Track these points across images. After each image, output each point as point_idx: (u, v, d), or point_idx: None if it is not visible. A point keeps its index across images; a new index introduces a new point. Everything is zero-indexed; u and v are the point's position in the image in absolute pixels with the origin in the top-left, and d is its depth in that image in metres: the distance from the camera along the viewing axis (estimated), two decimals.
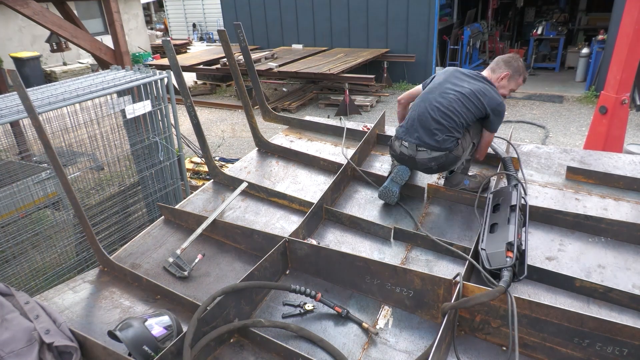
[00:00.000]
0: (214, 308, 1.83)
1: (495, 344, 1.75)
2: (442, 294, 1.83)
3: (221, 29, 3.18)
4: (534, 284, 1.99)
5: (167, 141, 4.48)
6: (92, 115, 3.92)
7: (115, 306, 2.21)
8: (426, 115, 2.53)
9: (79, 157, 4.26)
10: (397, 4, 11.21)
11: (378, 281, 1.98)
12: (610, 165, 2.82)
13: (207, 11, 22.96)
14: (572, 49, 11.88)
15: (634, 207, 2.44)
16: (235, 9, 13.76)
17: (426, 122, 2.51)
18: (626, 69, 4.42)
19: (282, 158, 3.37)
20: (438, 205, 2.65)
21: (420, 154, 2.53)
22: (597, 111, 4.76)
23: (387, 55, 11.51)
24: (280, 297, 2.11)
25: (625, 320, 1.75)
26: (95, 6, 15.05)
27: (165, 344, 1.73)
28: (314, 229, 2.52)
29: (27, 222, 3.69)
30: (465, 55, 11.93)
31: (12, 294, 1.85)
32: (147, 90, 4.20)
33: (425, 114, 2.53)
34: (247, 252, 2.46)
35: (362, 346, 1.82)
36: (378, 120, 3.46)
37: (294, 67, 10.16)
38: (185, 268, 2.34)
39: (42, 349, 1.66)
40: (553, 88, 10.61)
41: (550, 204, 2.48)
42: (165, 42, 2.82)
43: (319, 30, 12.64)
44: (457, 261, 2.18)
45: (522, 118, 8.88)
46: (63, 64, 14.79)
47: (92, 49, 5.55)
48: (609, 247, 2.17)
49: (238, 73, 3.27)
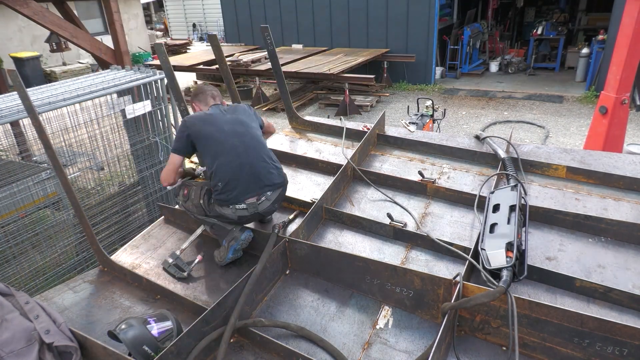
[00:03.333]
0: (214, 308, 1.83)
1: (495, 344, 1.75)
2: (442, 294, 1.83)
3: (212, 33, 3.16)
4: (534, 284, 1.99)
5: (167, 141, 4.48)
6: (92, 115, 3.92)
7: (115, 306, 2.21)
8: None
9: (79, 157, 4.25)
10: (397, 4, 11.21)
11: (378, 281, 1.98)
12: (610, 165, 2.82)
13: (207, 11, 22.95)
14: (572, 49, 11.88)
15: (634, 207, 2.44)
16: (235, 9, 13.76)
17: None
18: (626, 69, 4.41)
19: (282, 158, 3.37)
20: (438, 205, 2.65)
21: (263, 204, 2.39)
22: (597, 111, 4.76)
23: (387, 55, 11.51)
24: (280, 297, 2.11)
25: (625, 320, 1.75)
26: (95, 6, 15.06)
27: (165, 344, 1.73)
28: (314, 229, 2.52)
29: (27, 222, 3.69)
30: (465, 55, 11.94)
31: (12, 294, 1.85)
32: (147, 90, 4.20)
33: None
34: (247, 252, 2.46)
35: (362, 346, 1.82)
36: (378, 120, 3.46)
37: (294, 67, 10.16)
38: (185, 269, 2.34)
39: (42, 349, 1.66)
40: (553, 88, 10.61)
41: (550, 204, 2.48)
42: (157, 46, 2.81)
43: (319, 30, 12.64)
44: (457, 261, 2.18)
45: (522, 118, 8.88)
46: (63, 64, 14.79)
47: (92, 49, 5.55)
48: (609, 247, 2.17)
49: (230, 78, 3.26)
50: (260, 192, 2.36)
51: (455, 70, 12.30)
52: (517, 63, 12.31)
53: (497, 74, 12.41)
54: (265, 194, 2.38)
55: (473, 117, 9.13)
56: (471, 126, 8.61)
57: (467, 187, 2.76)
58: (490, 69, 12.61)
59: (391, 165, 3.14)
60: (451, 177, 2.91)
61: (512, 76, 12.02)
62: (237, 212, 2.35)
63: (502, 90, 10.78)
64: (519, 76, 11.93)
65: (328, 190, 2.63)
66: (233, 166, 2.33)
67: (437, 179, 2.87)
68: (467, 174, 2.93)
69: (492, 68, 12.58)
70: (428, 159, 3.18)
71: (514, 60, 12.36)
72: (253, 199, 2.35)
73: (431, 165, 3.09)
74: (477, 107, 9.77)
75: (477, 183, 2.80)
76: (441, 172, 2.97)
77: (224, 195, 2.32)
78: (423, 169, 2.97)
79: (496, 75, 12.32)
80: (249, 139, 2.42)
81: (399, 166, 3.11)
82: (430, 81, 11.55)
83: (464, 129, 8.53)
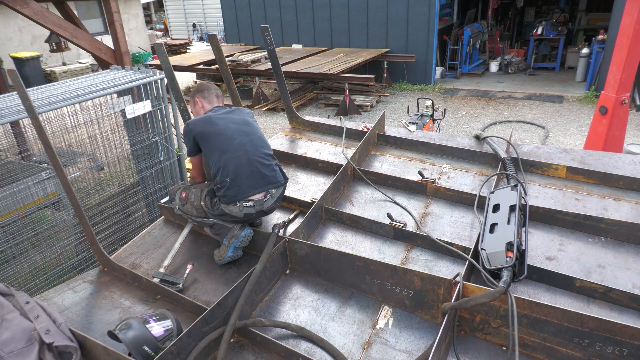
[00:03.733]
0: (214, 308, 1.83)
1: (495, 344, 1.75)
2: (442, 294, 1.83)
3: (212, 33, 3.16)
4: (534, 284, 1.99)
5: (167, 141, 4.48)
6: (92, 115, 3.93)
7: (115, 306, 2.21)
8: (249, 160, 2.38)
9: (79, 157, 4.26)
10: (397, 4, 11.22)
11: (378, 281, 1.98)
12: (610, 165, 2.82)
13: (207, 11, 22.96)
14: (572, 49, 11.89)
15: (634, 207, 2.44)
16: (235, 9, 13.76)
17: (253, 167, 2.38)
18: (626, 69, 4.42)
19: (282, 158, 3.37)
20: (438, 205, 2.65)
21: (267, 202, 2.39)
22: (597, 111, 4.76)
23: (387, 55, 11.51)
24: (280, 297, 2.11)
25: (625, 320, 1.75)
26: (95, 6, 15.06)
27: (165, 344, 1.73)
28: (314, 229, 2.52)
29: (27, 222, 3.69)
30: (465, 55, 11.94)
31: (12, 294, 1.85)
32: (147, 90, 4.21)
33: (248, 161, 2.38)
34: (247, 252, 2.46)
35: (362, 346, 1.82)
36: (378, 120, 3.46)
37: (294, 67, 10.16)
38: (178, 281, 2.28)
39: (42, 349, 1.66)
40: (553, 88, 10.61)
41: (550, 204, 2.48)
42: (157, 46, 2.81)
43: (319, 30, 12.64)
44: (457, 261, 2.18)
45: (522, 118, 8.88)
46: (63, 64, 14.80)
47: (92, 49, 5.55)
48: (609, 247, 2.17)
49: (230, 78, 3.26)
50: (266, 190, 2.38)
51: (455, 70, 12.30)
52: (517, 63, 12.31)
53: (497, 74, 12.42)
54: (270, 191, 2.40)
55: (473, 117, 9.13)
56: (471, 126, 8.61)
57: (467, 187, 2.76)
58: (490, 69, 12.62)
59: (391, 165, 3.14)
60: (451, 177, 2.91)
61: (512, 76, 12.03)
62: (244, 209, 2.35)
63: (502, 90, 10.78)
64: (519, 76, 11.94)
65: (328, 190, 2.63)
66: (242, 161, 2.34)
67: (437, 179, 2.87)
68: (467, 174, 2.93)
69: (492, 68, 12.58)
70: (428, 159, 3.18)
71: (514, 60, 12.37)
72: (260, 195, 2.35)
73: (431, 165, 3.09)
74: (477, 107, 9.77)
75: (477, 183, 2.80)
76: (441, 172, 2.97)
77: (232, 190, 2.32)
78: (423, 169, 2.97)
79: (496, 75, 12.32)
80: (256, 138, 2.46)
81: (399, 166, 3.11)
82: (430, 81, 11.55)
83: (464, 129, 8.53)
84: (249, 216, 2.38)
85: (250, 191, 2.33)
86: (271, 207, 2.44)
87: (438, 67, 12.05)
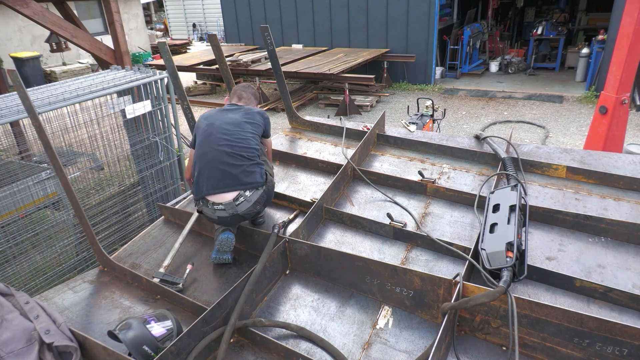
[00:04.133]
0: (214, 308, 1.83)
1: (495, 344, 1.75)
2: (442, 294, 1.83)
3: (212, 33, 3.16)
4: (534, 284, 1.99)
5: (167, 141, 4.48)
6: (92, 115, 3.92)
7: (115, 306, 2.21)
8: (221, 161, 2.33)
9: (79, 157, 4.26)
10: (397, 4, 11.22)
11: (378, 281, 1.98)
12: (610, 165, 2.82)
13: (207, 11, 22.96)
14: (572, 49, 11.88)
15: (634, 207, 2.44)
16: (235, 9, 13.75)
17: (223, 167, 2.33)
18: (626, 69, 4.42)
19: (282, 158, 3.37)
20: (438, 205, 2.65)
21: (242, 205, 2.30)
22: (597, 111, 4.76)
23: (387, 55, 11.51)
24: (280, 297, 2.11)
25: (625, 320, 1.76)
26: (95, 6, 15.05)
27: (165, 344, 1.73)
28: (314, 229, 2.52)
29: (27, 222, 3.69)
30: (465, 55, 11.94)
31: (12, 294, 1.85)
32: (147, 90, 4.21)
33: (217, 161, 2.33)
34: (247, 252, 2.46)
35: (362, 346, 1.82)
36: (378, 120, 3.46)
37: (294, 67, 10.16)
38: (178, 281, 2.28)
39: (42, 349, 1.66)
40: (553, 88, 10.61)
41: (550, 204, 2.48)
42: (161, 45, 2.81)
43: (319, 30, 12.64)
44: (457, 261, 2.18)
45: (522, 118, 8.88)
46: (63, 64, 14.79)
47: (92, 49, 5.55)
48: (609, 247, 2.17)
49: (230, 78, 3.27)
50: (234, 190, 2.27)
51: (455, 70, 12.30)
52: (517, 63, 12.31)
53: (497, 74, 12.41)
54: (244, 194, 2.29)
55: (473, 117, 9.13)
56: (471, 126, 8.61)
57: (467, 187, 2.76)
58: (490, 69, 12.61)
59: (391, 165, 3.14)
60: (451, 177, 2.91)
61: (512, 76, 12.02)
62: (215, 212, 2.29)
63: (502, 90, 10.77)
64: (519, 76, 11.93)
65: (328, 190, 2.63)
66: (209, 158, 2.31)
67: (437, 179, 2.87)
68: (467, 174, 2.93)
69: (492, 68, 12.58)
70: (428, 159, 3.18)
71: (514, 60, 12.36)
72: (228, 195, 2.26)
73: (431, 165, 3.09)
74: (477, 107, 9.77)
75: (477, 183, 2.80)
76: (441, 172, 2.97)
77: (196, 187, 2.31)
78: (423, 169, 2.97)
79: (496, 75, 12.32)
80: (235, 138, 2.37)
81: (399, 166, 3.11)
82: (430, 81, 11.55)
83: (464, 129, 8.53)
84: (224, 219, 2.31)
85: (210, 190, 2.27)
86: (249, 211, 2.31)
87: (438, 67, 12.05)
